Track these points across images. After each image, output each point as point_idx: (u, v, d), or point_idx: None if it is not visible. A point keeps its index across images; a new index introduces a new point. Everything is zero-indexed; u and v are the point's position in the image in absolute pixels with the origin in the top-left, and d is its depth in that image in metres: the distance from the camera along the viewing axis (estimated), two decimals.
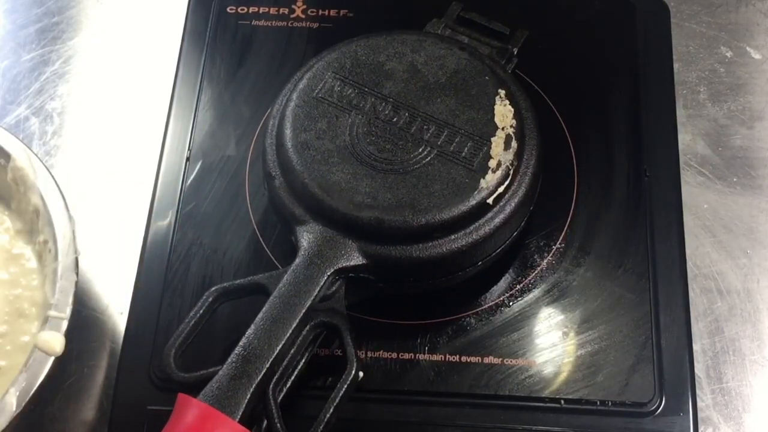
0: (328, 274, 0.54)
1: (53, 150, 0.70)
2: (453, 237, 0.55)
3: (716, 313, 0.62)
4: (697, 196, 0.67)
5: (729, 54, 0.73)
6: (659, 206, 0.64)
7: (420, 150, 0.56)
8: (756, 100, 0.71)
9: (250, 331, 0.52)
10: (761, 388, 0.60)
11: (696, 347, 0.60)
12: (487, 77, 0.59)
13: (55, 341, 0.54)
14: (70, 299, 0.55)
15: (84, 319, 0.62)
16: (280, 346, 0.52)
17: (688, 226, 0.64)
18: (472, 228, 0.55)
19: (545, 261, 0.61)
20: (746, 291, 0.63)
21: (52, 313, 0.55)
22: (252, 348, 0.51)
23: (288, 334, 0.52)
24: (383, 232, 0.54)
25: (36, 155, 0.60)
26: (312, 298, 0.53)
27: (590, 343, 0.59)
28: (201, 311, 0.54)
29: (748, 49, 0.73)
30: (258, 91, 0.69)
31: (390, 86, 0.58)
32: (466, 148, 0.56)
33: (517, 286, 0.61)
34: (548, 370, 0.58)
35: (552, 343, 0.59)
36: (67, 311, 0.55)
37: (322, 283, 0.54)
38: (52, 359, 0.53)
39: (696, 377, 0.58)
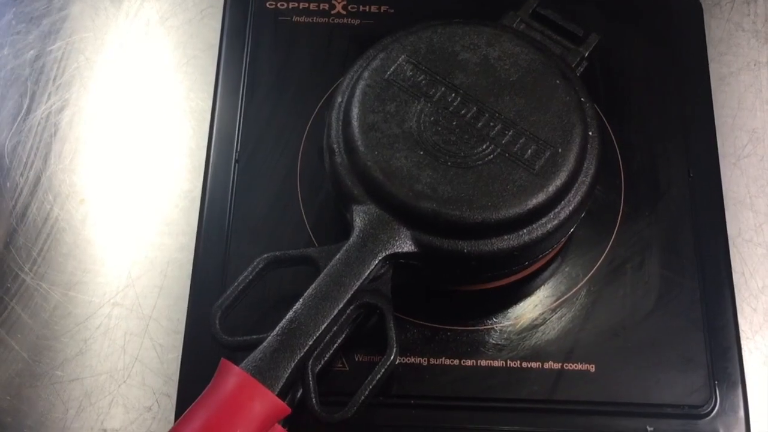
0: (380, 257, 0.54)
1: (96, 159, 0.69)
2: (505, 237, 0.55)
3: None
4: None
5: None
6: (704, 206, 0.65)
7: (484, 147, 0.56)
8: None
9: (297, 305, 0.53)
10: None
11: (749, 346, 0.62)
12: (558, 81, 0.59)
13: None
14: None
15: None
16: (327, 323, 0.53)
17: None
18: (525, 230, 0.55)
19: (595, 264, 0.62)
20: None
21: None
22: (299, 323, 0.53)
23: (335, 313, 0.53)
24: (439, 224, 0.54)
25: None
26: (362, 279, 0.54)
27: (644, 347, 0.60)
28: (250, 277, 0.55)
29: None
30: (304, 87, 0.68)
31: (462, 77, 0.59)
32: (529, 151, 0.56)
33: (569, 293, 0.61)
34: (604, 374, 0.59)
35: (605, 347, 0.60)
36: None
37: (373, 266, 0.54)
38: None
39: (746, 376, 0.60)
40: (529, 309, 0.61)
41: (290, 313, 0.53)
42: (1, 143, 0.69)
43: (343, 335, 0.56)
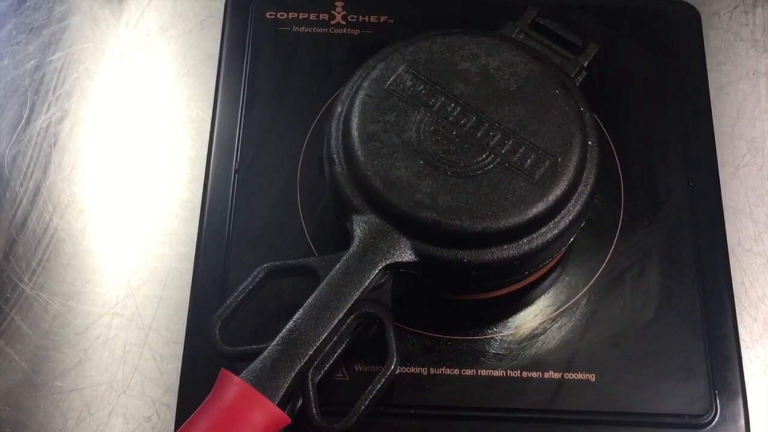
0: (380, 267, 0.54)
1: (95, 169, 0.69)
2: (505, 247, 0.55)
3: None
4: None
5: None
6: (703, 215, 0.65)
7: (483, 156, 0.56)
8: None
9: (297, 315, 0.53)
10: None
11: (749, 355, 0.62)
12: (557, 90, 0.59)
13: None
14: None
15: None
16: (327, 333, 0.53)
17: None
18: (525, 240, 0.55)
19: (595, 274, 0.62)
20: None
21: None
22: (299, 333, 0.52)
23: (335, 322, 0.53)
24: (439, 234, 0.54)
25: None
26: (362, 289, 0.54)
27: (644, 356, 0.59)
28: (250, 287, 0.55)
29: None
30: (304, 97, 0.68)
31: (461, 87, 0.59)
32: (529, 160, 0.56)
33: (569, 302, 0.61)
34: (604, 384, 0.59)
35: (605, 356, 0.59)
36: None
37: (373, 276, 0.54)
38: None
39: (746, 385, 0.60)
40: (529, 318, 0.61)
41: (290, 323, 0.53)
42: (1, 153, 0.69)
43: (344, 345, 0.56)
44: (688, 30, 0.72)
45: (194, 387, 0.58)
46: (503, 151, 0.57)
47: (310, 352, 0.52)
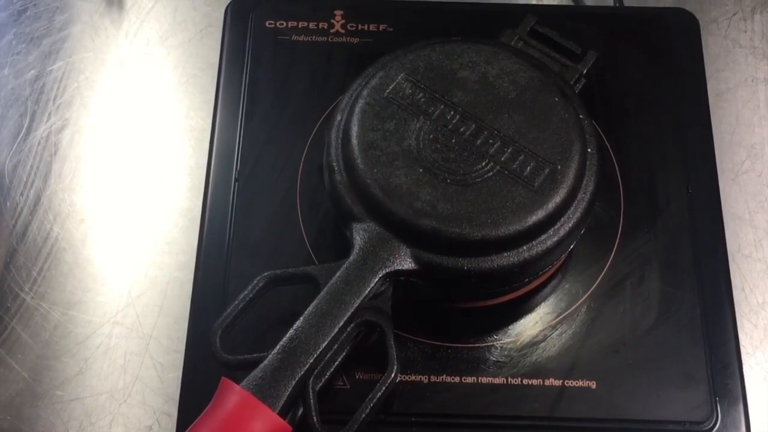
0: (380, 275, 0.54)
1: (96, 178, 0.70)
2: (505, 254, 0.55)
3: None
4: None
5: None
6: (703, 222, 0.64)
7: (483, 164, 0.57)
8: None
9: (298, 323, 0.53)
10: None
11: (749, 362, 0.62)
12: (556, 98, 0.59)
13: None
14: None
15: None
16: (327, 341, 0.53)
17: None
18: (525, 247, 0.55)
19: (595, 281, 0.62)
20: None
21: None
22: (299, 341, 0.53)
23: (335, 331, 0.53)
24: (439, 241, 0.54)
25: None
26: (362, 297, 0.54)
27: (644, 364, 0.59)
28: (251, 295, 0.55)
29: None
30: (303, 106, 0.68)
31: (460, 95, 0.59)
32: (528, 168, 0.56)
33: (569, 309, 0.61)
34: (605, 391, 0.58)
35: (606, 364, 0.59)
36: None
37: (373, 284, 0.54)
38: None
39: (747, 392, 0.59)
40: (529, 326, 0.61)
41: (291, 332, 0.53)
42: (2, 163, 0.70)
43: (344, 353, 0.56)
44: (687, 37, 0.72)
45: (195, 396, 0.58)
46: (502, 159, 0.57)
47: (311, 361, 0.52)
